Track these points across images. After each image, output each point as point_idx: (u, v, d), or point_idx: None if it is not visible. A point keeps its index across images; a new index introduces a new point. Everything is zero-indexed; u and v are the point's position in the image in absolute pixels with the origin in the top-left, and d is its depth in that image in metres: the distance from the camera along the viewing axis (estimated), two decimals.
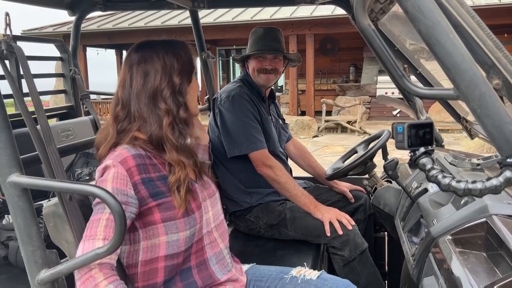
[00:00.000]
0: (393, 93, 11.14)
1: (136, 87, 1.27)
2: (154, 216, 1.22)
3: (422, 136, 0.97)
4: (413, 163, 0.96)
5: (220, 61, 15.90)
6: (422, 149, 0.95)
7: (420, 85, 0.95)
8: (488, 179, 0.80)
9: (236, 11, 12.23)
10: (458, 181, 0.84)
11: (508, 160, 0.77)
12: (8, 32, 1.19)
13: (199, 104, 1.64)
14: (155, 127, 1.25)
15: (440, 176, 0.88)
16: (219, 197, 1.49)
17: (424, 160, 0.93)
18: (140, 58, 1.29)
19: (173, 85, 1.28)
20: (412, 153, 0.97)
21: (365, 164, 2.18)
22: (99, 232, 1.11)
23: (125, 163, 1.20)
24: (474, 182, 0.82)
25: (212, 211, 1.40)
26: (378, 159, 2.11)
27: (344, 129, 11.84)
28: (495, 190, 0.80)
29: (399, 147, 0.98)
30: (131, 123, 1.28)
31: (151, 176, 1.24)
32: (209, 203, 1.40)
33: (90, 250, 1.07)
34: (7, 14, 1.15)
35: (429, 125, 0.98)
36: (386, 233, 2.43)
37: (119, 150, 1.24)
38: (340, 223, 1.97)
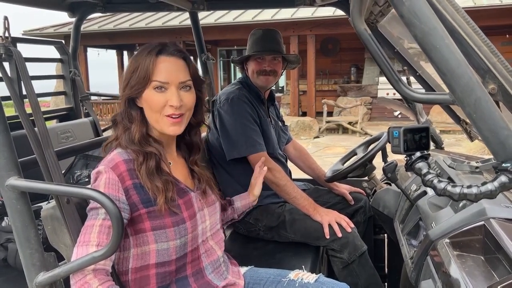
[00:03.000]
0: (394, 94, 11.10)
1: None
2: (144, 223, 1.22)
3: (418, 141, 0.97)
4: (409, 167, 0.96)
5: (221, 62, 15.90)
6: (418, 154, 0.95)
7: (417, 89, 0.95)
8: (484, 183, 0.80)
9: (237, 11, 12.24)
10: (454, 186, 0.84)
11: (504, 165, 0.77)
12: (6, 35, 1.20)
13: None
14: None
15: (435, 181, 0.88)
16: (220, 207, 1.48)
17: (420, 164, 0.93)
18: None
19: (129, 91, 1.25)
20: (408, 158, 0.97)
21: (365, 166, 2.18)
22: (92, 238, 1.12)
23: (116, 168, 1.20)
24: (469, 186, 0.82)
25: (209, 220, 1.38)
26: (377, 161, 2.11)
27: (345, 130, 11.83)
28: (490, 195, 0.80)
29: (395, 151, 0.98)
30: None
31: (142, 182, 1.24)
32: (207, 212, 1.38)
33: (84, 255, 1.08)
34: (6, 18, 1.16)
35: (425, 130, 0.98)
36: (385, 235, 2.43)
37: (112, 155, 1.25)
38: (340, 225, 1.97)
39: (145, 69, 1.22)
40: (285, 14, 11.67)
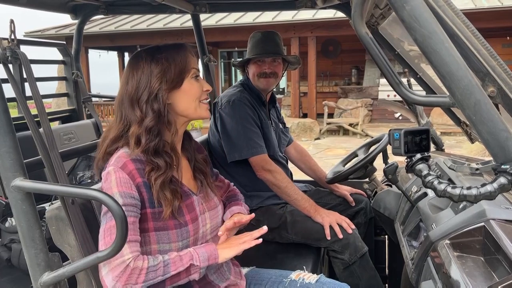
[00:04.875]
0: (395, 95, 11.11)
1: (121, 91, 1.30)
2: (148, 223, 1.23)
3: (418, 142, 0.98)
4: (410, 169, 0.97)
5: (222, 63, 15.92)
6: (418, 155, 0.96)
7: (417, 91, 0.96)
8: (483, 185, 0.82)
9: (237, 13, 12.26)
10: (454, 187, 0.85)
11: (503, 166, 0.79)
12: (12, 38, 1.21)
13: None
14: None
15: (436, 182, 0.89)
16: (222, 211, 1.48)
17: (420, 166, 0.94)
18: (129, 62, 1.33)
19: (151, 90, 1.26)
20: (408, 159, 0.98)
21: (366, 168, 2.19)
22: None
23: (125, 167, 1.21)
24: (469, 188, 0.83)
25: (210, 223, 1.39)
26: (378, 163, 2.12)
27: (346, 132, 11.85)
28: (490, 196, 0.81)
29: (395, 153, 0.99)
30: (126, 126, 1.29)
31: None
32: (208, 216, 1.39)
33: (119, 257, 1.11)
34: (12, 21, 1.17)
35: (426, 132, 0.99)
36: (386, 236, 2.44)
37: (118, 154, 1.25)
38: (340, 226, 1.98)
39: (182, 62, 1.30)
40: (286, 16, 11.69)
